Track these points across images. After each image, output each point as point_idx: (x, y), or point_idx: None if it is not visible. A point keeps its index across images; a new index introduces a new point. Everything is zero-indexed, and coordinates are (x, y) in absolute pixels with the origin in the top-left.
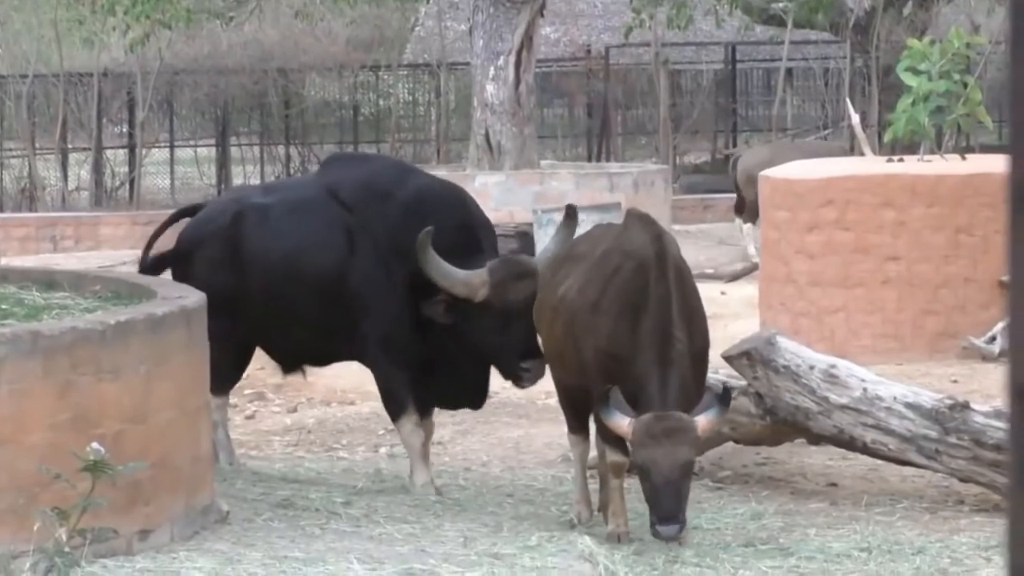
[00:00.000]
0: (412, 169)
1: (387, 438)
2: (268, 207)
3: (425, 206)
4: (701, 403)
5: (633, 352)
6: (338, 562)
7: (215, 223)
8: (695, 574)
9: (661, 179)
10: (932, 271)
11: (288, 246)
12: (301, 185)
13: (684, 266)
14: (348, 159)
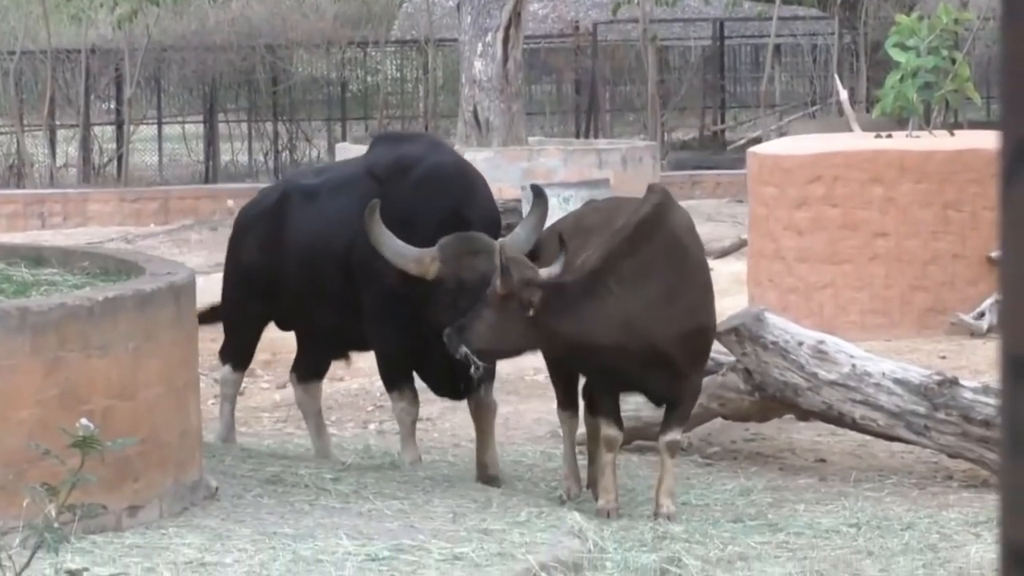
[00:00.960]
0: (439, 147)
1: (376, 414)
2: (312, 188)
3: (428, 185)
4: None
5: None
6: (327, 538)
7: (263, 205)
8: (684, 550)
9: (649, 155)
10: (920, 247)
11: (321, 225)
12: (348, 165)
13: (685, 240)
14: (394, 137)
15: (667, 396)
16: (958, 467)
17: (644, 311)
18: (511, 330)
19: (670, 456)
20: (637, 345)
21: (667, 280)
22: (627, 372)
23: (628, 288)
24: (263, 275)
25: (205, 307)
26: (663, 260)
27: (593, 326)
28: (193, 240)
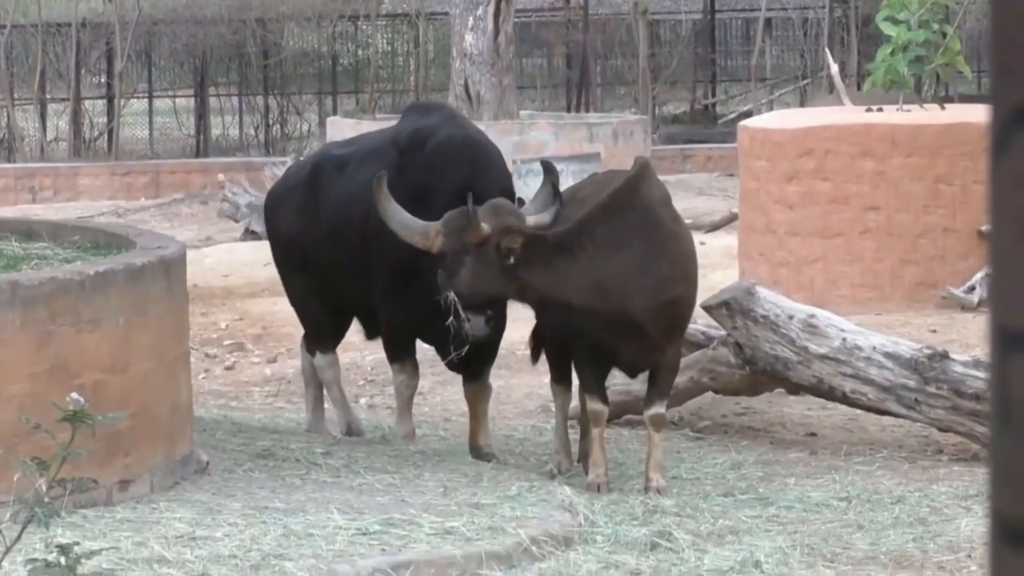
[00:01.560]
0: (455, 118)
1: (366, 389)
2: (343, 158)
3: (441, 157)
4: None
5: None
6: (318, 512)
7: (297, 177)
8: (675, 523)
9: (640, 129)
10: (911, 221)
11: (345, 196)
12: (377, 135)
13: (659, 213)
14: (421, 108)
15: (642, 368)
16: (948, 441)
17: (616, 277)
18: (488, 277)
19: (656, 430)
20: (608, 310)
21: (639, 250)
22: (601, 340)
23: (601, 251)
24: (299, 247)
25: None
26: (636, 230)
27: (565, 283)
28: (184, 214)
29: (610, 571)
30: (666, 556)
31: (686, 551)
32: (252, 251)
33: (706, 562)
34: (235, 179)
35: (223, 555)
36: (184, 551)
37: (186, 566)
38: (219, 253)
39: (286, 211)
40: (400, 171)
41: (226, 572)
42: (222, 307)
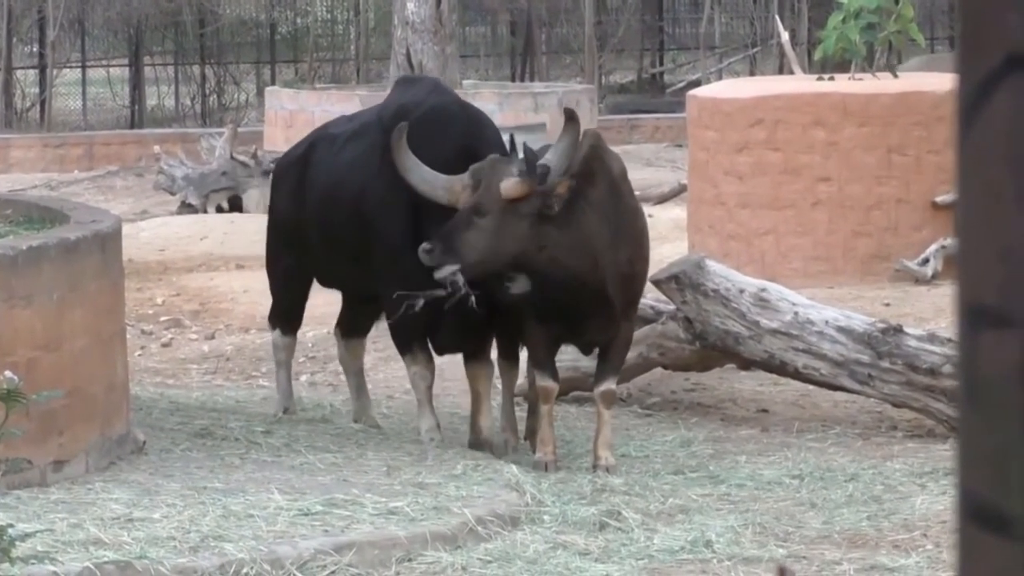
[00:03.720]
0: (440, 90)
1: (307, 366)
2: (337, 135)
3: (430, 125)
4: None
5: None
6: (258, 492)
7: (295, 153)
8: (624, 502)
9: (587, 99)
10: (864, 192)
11: (334, 173)
12: (368, 112)
13: (622, 186)
14: (407, 82)
15: (598, 344)
16: (903, 417)
17: (602, 244)
18: (512, 237)
19: (606, 407)
20: (593, 280)
21: (613, 221)
22: (571, 312)
23: (595, 216)
24: (291, 225)
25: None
26: (608, 200)
27: (575, 244)
28: (119, 187)
29: (558, 551)
30: (615, 536)
31: (635, 531)
32: (188, 225)
33: (656, 542)
34: (171, 151)
35: (161, 537)
36: (121, 533)
37: (123, 548)
38: (155, 227)
39: (283, 189)
40: (385, 151)
41: (164, 554)
42: (158, 282)
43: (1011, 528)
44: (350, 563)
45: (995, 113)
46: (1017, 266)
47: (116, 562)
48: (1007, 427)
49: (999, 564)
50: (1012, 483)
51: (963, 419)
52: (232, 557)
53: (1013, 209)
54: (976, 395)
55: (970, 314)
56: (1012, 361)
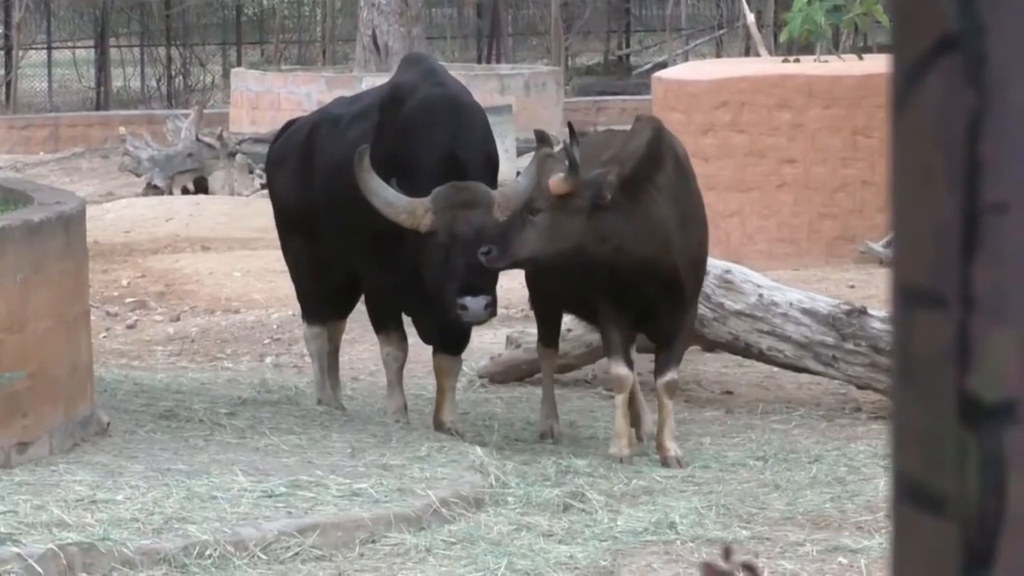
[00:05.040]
0: (434, 75)
1: (272, 347)
2: (339, 117)
3: (417, 122)
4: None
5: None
6: (222, 474)
7: (298, 135)
8: (588, 484)
9: (553, 81)
10: (829, 174)
11: (335, 156)
12: (372, 92)
13: (688, 169)
14: (410, 61)
15: (669, 329)
16: (867, 398)
17: (673, 228)
18: (568, 232)
19: (669, 397)
20: (665, 265)
21: (682, 204)
22: (645, 298)
23: (663, 200)
24: (295, 209)
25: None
26: (675, 184)
27: (642, 230)
28: (84, 168)
29: (522, 533)
30: (579, 517)
31: (599, 512)
32: (154, 206)
33: (620, 523)
34: (136, 132)
35: (124, 518)
36: (84, 514)
37: (86, 530)
38: (120, 208)
39: (285, 170)
40: (379, 131)
41: (127, 536)
42: (123, 264)
43: (945, 507)
44: (314, 545)
45: (927, 95)
46: (949, 247)
47: (79, 544)
48: (940, 407)
49: (934, 543)
50: (945, 462)
51: (897, 400)
52: (196, 539)
53: (944, 190)
54: (909, 376)
55: (904, 295)
56: (945, 341)
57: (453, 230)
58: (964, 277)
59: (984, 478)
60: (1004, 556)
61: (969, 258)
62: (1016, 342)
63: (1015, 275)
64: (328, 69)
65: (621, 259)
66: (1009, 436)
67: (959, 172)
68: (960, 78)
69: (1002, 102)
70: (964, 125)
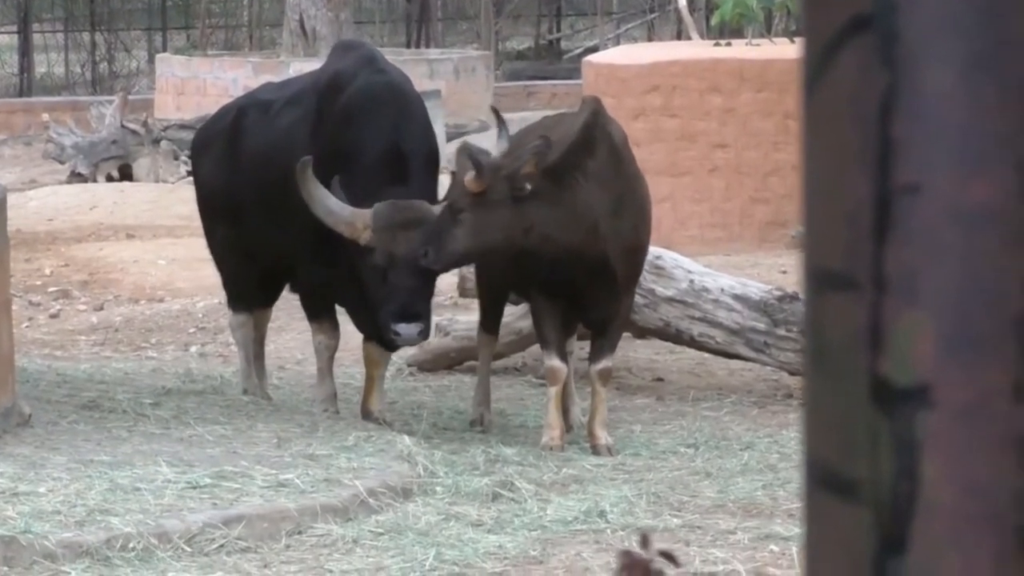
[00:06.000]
0: (373, 62)
1: (198, 336)
2: (269, 103)
3: (358, 111)
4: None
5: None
6: (146, 465)
7: (223, 121)
8: (517, 473)
9: (483, 66)
10: (761, 158)
11: (265, 143)
12: (304, 78)
13: (624, 153)
14: (344, 47)
15: (604, 316)
16: (799, 385)
17: (602, 216)
18: (493, 226)
19: (603, 385)
20: (594, 252)
21: (616, 190)
22: (575, 286)
23: (592, 187)
24: (221, 197)
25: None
26: (610, 168)
27: (568, 218)
28: (7, 155)
29: (450, 523)
30: (508, 507)
31: (529, 501)
32: (78, 194)
33: (549, 512)
34: (60, 119)
35: (46, 511)
36: (5, 507)
37: (7, 523)
38: (43, 196)
39: (210, 156)
40: (319, 120)
41: (49, 529)
42: (46, 253)
43: (858, 492)
44: (239, 536)
45: (839, 74)
46: (861, 228)
47: (0, 537)
48: (852, 391)
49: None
50: (858, 447)
51: (809, 385)
52: (119, 531)
53: (856, 171)
54: (822, 360)
55: (816, 278)
56: (857, 324)
57: (391, 251)
58: (876, 259)
59: (897, 463)
60: (918, 542)
61: (881, 240)
62: (929, 325)
63: (927, 257)
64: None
65: (550, 248)
66: (922, 420)
67: (871, 152)
68: (873, 57)
69: (915, 81)
70: (877, 105)
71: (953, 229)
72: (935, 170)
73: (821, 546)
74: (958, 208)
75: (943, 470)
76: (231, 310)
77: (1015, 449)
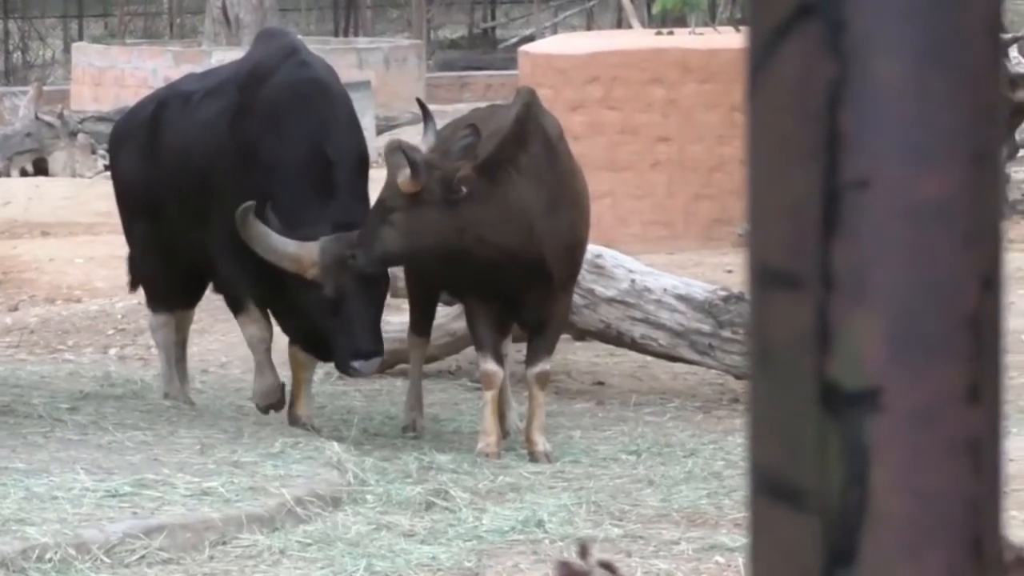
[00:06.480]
0: (295, 54)
1: (116, 339)
2: (190, 94)
3: (280, 111)
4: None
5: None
6: (63, 473)
7: (143, 113)
8: (452, 481)
9: (414, 55)
10: (705, 153)
11: (189, 133)
12: (226, 68)
13: (559, 147)
14: (267, 36)
15: (541, 318)
16: (745, 389)
17: (538, 213)
18: (428, 226)
19: (540, 389)
20: (529, 251)
21: (550, 186)
22: (510, 286)
23: (526, 182)
24: (140, 191)
25: None
26: (544, 164)
27: (502, 217)
28: None
29: (381, 532)
30: (442, 516)
31: (463, 510)
32: None
33: (485, 522)
34: None
35: None
36: None
37: None
38: None
39: (129, 150)
40: (239, 114)
41: None
42: None
43: (805, 500)
44: (161, 547)
45: (784, 64)
46: (807, 225)
47: None
48: (799, 394)
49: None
50: (805, 453)
51: (753, 388)
52: (35, 541)
53: (803, 166)
54: (766, 362)
55: (761, 276)
56: (803, 325)
57: (342, 289)
58: (823, 257)
59: (846, 470)
60: (868, 552)
61: (829, 237)
62: (878, 325)
63: (877, 255)
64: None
65: (484, 249)
66: (872, 425)
67: (818, 146)
68: (819, 46)
69: (863, 72)
70: (823, 96)
71: (903, 225)
72: (884, 164)
73: (768, 557)
74: (908, 204)
75: (894, 477)
76: (151, 311)
77: (968, 454)
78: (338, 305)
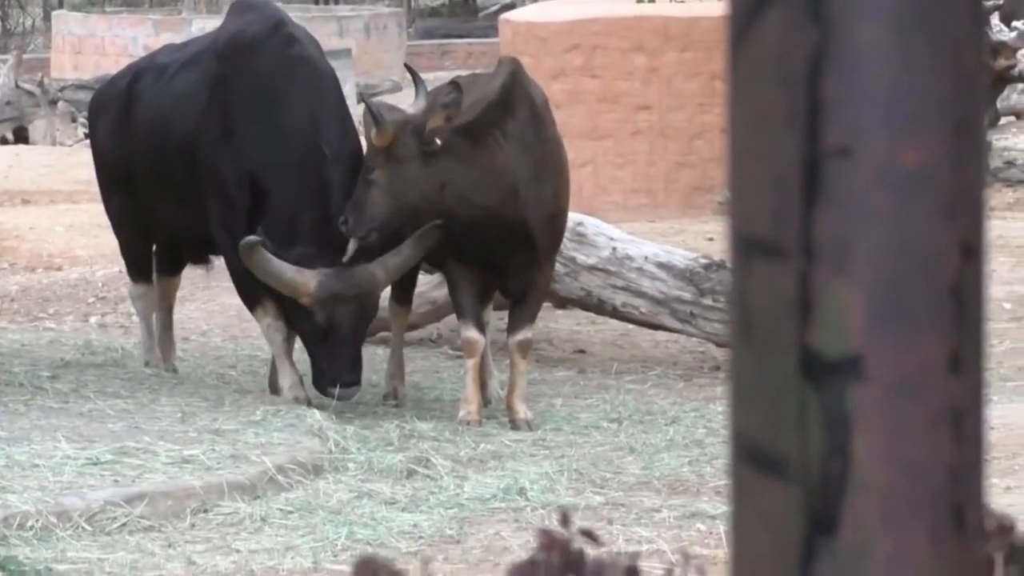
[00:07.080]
0: (281, 27)
1: (97, 307)
2: (166, 65)
3: (268, 92)
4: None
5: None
6: (44, 441)
7: (121, 82)
8: (433, 449)
9: (395, 23)
10: (686, 121)
11: (164, 105)
12: (204, 38)
13: (544, 115)
14: (245, 6)
15: (523, 285)
16: (726, 357)
17: (523, 178)
18: (408, 181)
19: (522, 357)
20: (512, 216)
21: (536, 153)
22: (493, 252)
23: (512, 147)
24: (117, 163)
25: None
26: (530, 131)
27: (485, 178)
28: None
29: (363, 500)
30: (423, 484)
31: (445, 478)
32: None
33: (467, 489)
34: None
35: None
36: None
37: None
38: None
39: (106, 120)
40: (219, 88)
41: None
42: None
43: (786, 469)
44: (142, 515)
45: (765, 31)
46: (789, 193)
47: None
48: (780, 363)
49: (775, 508)
50: (786, 422)
51: (735, 357)
52: (16, 509)
53: (784, 133)
54: (748, 330)
55: (742, 245)
56: (785, 293)
57: (332, 320)
58: (805, 226)
59: (827, 439)
60: (849, 522)
61: (810, 205)
62: (860, 294)
63: (858, 223)
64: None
65: (466, 210)
66: (853, 394)
67: (800, 113)
68: (801, 13)
69: (845, 38)
70: (805, 63)
71: (885, 194)
72: (866, 132)
73: (749, 525)
74: (890, 172)
75: (875, 447)
76: (130, 280)
77: (950, 424)
78: (326, 333)
